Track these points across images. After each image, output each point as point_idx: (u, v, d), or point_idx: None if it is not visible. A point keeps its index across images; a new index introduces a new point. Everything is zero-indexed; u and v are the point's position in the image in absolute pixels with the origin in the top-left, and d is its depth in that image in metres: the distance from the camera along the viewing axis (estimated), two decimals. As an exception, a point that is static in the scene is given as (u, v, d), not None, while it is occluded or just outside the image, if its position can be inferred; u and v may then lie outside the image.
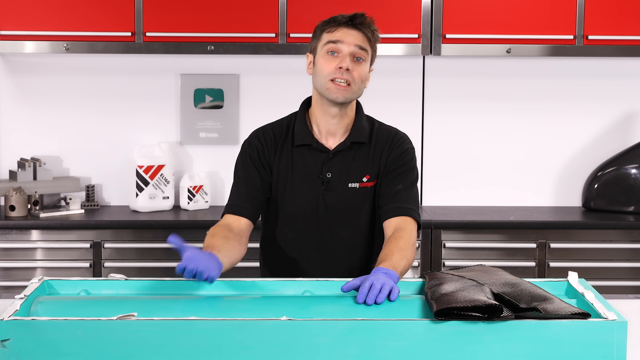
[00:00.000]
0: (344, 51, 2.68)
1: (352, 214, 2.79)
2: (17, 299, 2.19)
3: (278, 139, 2.82)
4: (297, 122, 2.82)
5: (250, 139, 2.86)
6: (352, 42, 2.69)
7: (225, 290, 2.42)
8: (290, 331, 2.02)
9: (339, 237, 2.81)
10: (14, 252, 4.21)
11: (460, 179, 4.74)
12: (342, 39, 2.69)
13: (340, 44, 2.69)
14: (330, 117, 2.77)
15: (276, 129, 2.85)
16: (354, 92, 2.71)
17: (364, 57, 2.71)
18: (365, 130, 2.80)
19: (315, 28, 2.79)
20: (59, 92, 4.65)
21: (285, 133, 2.82)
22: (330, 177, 2.77)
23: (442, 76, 4.70)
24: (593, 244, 4.27)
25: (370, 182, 2.79)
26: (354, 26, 2.71)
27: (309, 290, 2.43)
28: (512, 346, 2.02)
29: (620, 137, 4.73)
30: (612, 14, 4.32)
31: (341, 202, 2.78)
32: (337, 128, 2.78)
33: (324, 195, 2.78)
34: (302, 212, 2.80)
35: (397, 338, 2.02)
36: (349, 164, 2.78)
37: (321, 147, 2.78)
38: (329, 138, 2.80)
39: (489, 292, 2.17)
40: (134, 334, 2.02)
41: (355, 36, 2.70)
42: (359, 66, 2.70)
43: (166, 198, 4.54)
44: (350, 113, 2.80)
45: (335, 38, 2.70)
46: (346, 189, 2.78)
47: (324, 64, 2.70)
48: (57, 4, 4.27)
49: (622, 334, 2.02)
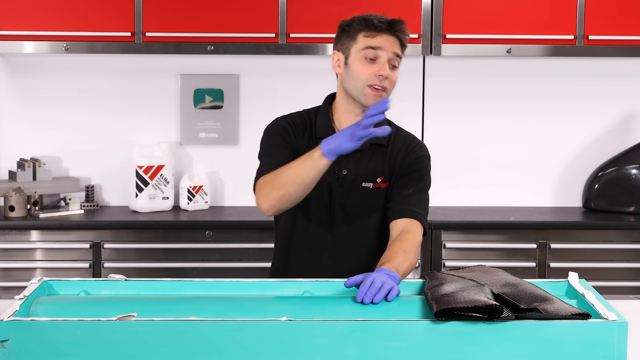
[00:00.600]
0: (383, 58, 2.69)
1: (362, 213, 2.80)
2: (17, 299, 2.19)
3: (300, 128, 2.82)
4: (320, 115, 2.83)
5: (277, 122, 2.85)
6: (391, 49, 2.69)
7: (225, 291, 2.42)
8: (290, 332, 2.02)
9: (348, 234, 2.81)
10: (14, 252, 4.20)
11: (461, 179, 4.74)
12: (382, 46, 2.69)
13: (380, 50, 2.69)
14: (354, 116, 2.78)
15: (297, 119, 2.85)
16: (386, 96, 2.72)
17: (398, 63, 2.73)
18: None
19: (344, 26, 2.77)
20: (58, 92, 4.65)
21: (308, 124, 2.83)
22: (345, 174, 2.78)
23: (442, 76, 4.69)
24: (593, 244, 4.27)
25: (383, 184, 2.80)
26: (393, 33, 2.70)
27: (308, 290, 2.43)
28: (513, 347, 2.02)
29: (620, 138, 4.73)
30: (612, 14, 4.32)
31: (353, 200, 2.79)
32: None
33: (337, 191, 2.78)
34: (314, 207, 2.79)
35: (397, 338, 2.02)
36: (366, 163, 2.79)
37: None
38: None
39: (489, 292, 2.17)
40: (134, 335, 2.02)
41: (394, 43, 2.70)
42: (394, 72, 2.72)
43: (166, 198, 4.54)
44: None
45: (375, 44, 2.69)
46: (359, 187, 2.79)
47: (362, 69, 2.70)
48: (56, 4, 4.27)
49: (622, 334, 2.02)
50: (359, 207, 2.80)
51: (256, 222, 4.23)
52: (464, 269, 2.44)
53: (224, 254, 4.22)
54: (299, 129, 2.81)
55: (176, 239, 4.23)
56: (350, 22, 2.76)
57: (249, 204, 4.68)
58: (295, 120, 2.84)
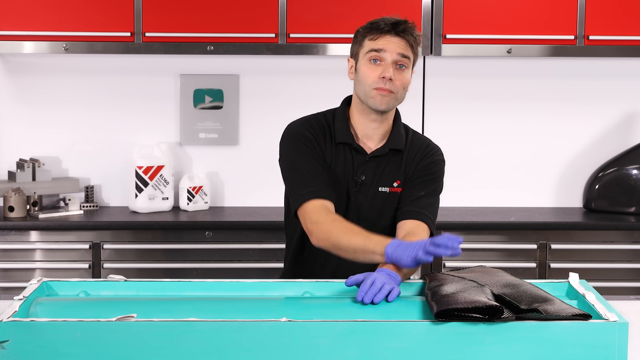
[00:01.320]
0: (387, 60, 2.67)
1: (377, 217, 2.79)
2: (16, 300, 2.18)
3: (323, 131, 2.79)
4: (337, 120, 2.80)
5: (299, 130, 2.79)
6: (395, 50, 2.67)
7: (224, 291, 2.42)
8: (290, 332, 2.02)
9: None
10: (13, 253, 4.20)
11: (461, 180, 4.73)
12: (385, 48, 2.67)
13: (383, 52, 2.67)
14: (370, 121, 2.77)
15: (316, 122, 2.81)
16: (396, 99, 2.71)
17: (407, 64, 2.70)
18: (402, 138, 2.81)
19: (356, 32, 2.77)
20: (58, 92, 4.64)
21: (327, 128, 2.80)
22: (363, 180, 2.78)
23: (442, 76, 4.69)
24: (594, 244, 4.26)
25: (399, 188, 2.79)
26: (397, 34, 2.68)
27: (308, 291, 2.43)
28: (513, 347, 2.02)
29: (621, 138, 4.72)
30: (613, 14, 4.31)
31: (369, 204, 2.78)
32: (375, 133, 2.79)
33: (355, 197, 2.77)
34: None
35: (397, 339, 2.02)
36: (383, 168, 2.79)
37: (359, 148, 2.78)
38: (366, 141, 2.80)
39: (489, 293, 2.17)
40: (134, 336, 2.01)
41: (398, 44, 2.68)
42: (402, 74, 2.70)
43: (165, 199, 4.53)
44: (390, 120, 2.80)
45: (378, 46, 2.68)
46: (376, 192, 2.78)
47: (367, 73, 2.69)
48: (56, 4, 4.26)
49: (623, 335, 2.02)
50: (374, 211, 2.79)
51: (256, 222, 4.23)
52: (464, 270, 2.44)
53: (223, 254, 4.21)
54: (319, 135, 2.78)
55: (176, 240, 4.22)
56: (359, 28, 2.77)
57: (249, 204, 4.69)
58: (314, 126, 2.79)
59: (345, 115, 2.81)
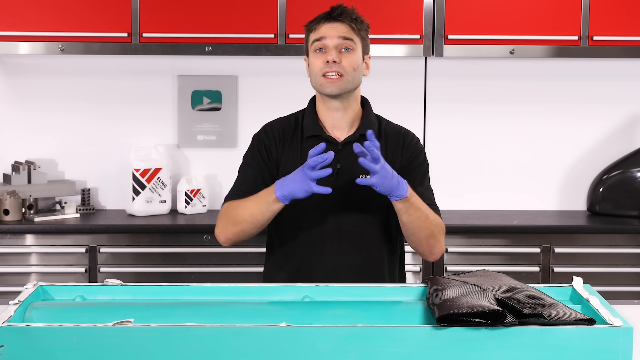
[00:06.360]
0: (329, 45, 2.77)
1: (361, 206, 2.81)
2: (11, 304, 2.18)
3: (286, 133, 2.88)
4: (306, 117, 2.88)
5: (259, 133, 2.93)
6: (335, 35, 2.76)
7: (223, 296, 2.41)
8: (290, 337, 2.01)
9: (347, 229, 2.81)
10: (8, 257, 4.18)
11: (463, 183, 4.72)
12: (325, 34, 2.77)
13: (325, 39, 2.77)
14: (333, 110, 2.83)
15: (285, 123, 2.91)
16: (348, 81, 2.77)
17: (352, 46, 2.78)
18: (374, 125, 2.86)
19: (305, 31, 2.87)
20: (53, 93, 4.63)
21: (294, 127, 2.88)
22: (339, 168, 2.80)
23: (444, 78, 4.68)
24: (598, 248, 4.25)
25: None
26: (334, 19, 2.78)
27: (308, 295, 2.42)
28: (516, 353, 2.01)
29: (625, 140, 4.71)
30: (617, 14, 4.31)
31: (350, 193, 2.78)
32: (342, 121, 2.84)
33: (336, 185, 2.77)
34: (312, 203, 2.76)
35: (398, 344, 2.01)
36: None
37: (330, 138, 2.83)
38: (336, 132, 2.85)
39: (492, 297, 2.16)
40: (130, 341, 2.01)
41: (338, 28, 2.77)
42: (348, 56, 2.77)
43: (163, 202, 4.51)
44: (355, 106, 2.86)
45: (319, 35, 2.78)
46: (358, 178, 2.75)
47: (314, 62, 2.79)
48: (52, 4, 4.25)
49: (628, 340, 2.01)
50: (356, 199, 2.80)
51: (255, 225, 4.20)
52: (466, 274, 2.43)
53: (221, 258, 4.20)
54: (281, 137, 2.87)
55: (173, 243, 4.21)
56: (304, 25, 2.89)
57: (248, 207, 4.66)
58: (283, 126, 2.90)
59: (313, 111, 2.89)
